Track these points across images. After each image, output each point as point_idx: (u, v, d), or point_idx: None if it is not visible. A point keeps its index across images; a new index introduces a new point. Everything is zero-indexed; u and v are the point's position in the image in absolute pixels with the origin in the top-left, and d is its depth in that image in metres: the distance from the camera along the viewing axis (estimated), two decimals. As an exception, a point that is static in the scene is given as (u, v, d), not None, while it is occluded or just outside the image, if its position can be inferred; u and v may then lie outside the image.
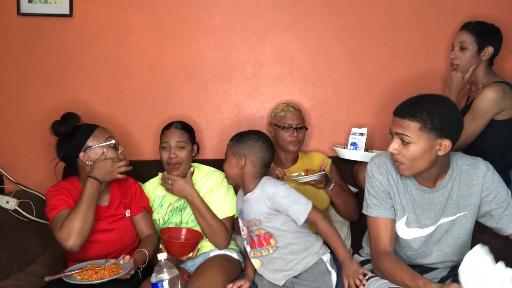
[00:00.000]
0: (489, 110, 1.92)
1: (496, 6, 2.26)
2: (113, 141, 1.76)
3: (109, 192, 1.82)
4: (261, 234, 1.63)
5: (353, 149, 2.07)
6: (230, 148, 1.68)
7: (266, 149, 1.65)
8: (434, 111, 1.37)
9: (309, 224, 1.65)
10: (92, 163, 1.72)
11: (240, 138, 1.68)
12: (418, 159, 1.40)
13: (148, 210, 1.91)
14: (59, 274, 1.53)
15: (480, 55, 2.01)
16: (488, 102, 1.91)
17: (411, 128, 1.37)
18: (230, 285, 1.67)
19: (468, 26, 2.03)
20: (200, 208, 1.84)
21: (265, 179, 1.65)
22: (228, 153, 1.69)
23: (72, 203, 1.67)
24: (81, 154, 1.73)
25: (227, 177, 1.71)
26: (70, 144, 1.73)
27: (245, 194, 1.67)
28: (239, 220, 1.73)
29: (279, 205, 1.58)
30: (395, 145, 1.42)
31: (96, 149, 1.73)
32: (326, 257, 1.64)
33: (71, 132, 1.74)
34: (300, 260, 1.62)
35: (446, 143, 1.39)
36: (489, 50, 2.00)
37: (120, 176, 1.72)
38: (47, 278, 1.52)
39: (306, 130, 2.12)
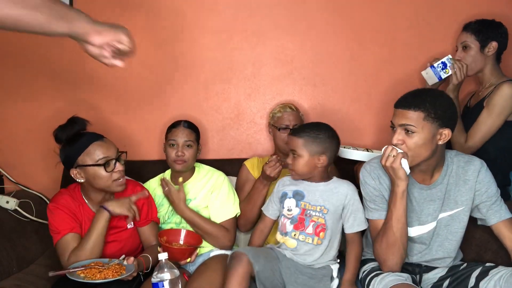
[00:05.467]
0: (506, 108, 1.91)
1: (497, 5, 2.25)
2: (104, 161, 1.62)
3: None
4: (318, 222, 1.62)
5: (442, 68, 2.00)
6: (305, 147, 1.61)
7: (339, 142, 1.68)
8: (436, 101, 1.44)
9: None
10: (84, 180, 1.66)
11: (316, 135, 1.62)
12: (421, 148, 1.44)
13: (156, 222, 1.87)
14: (63, 270, 1.53)
15: (485, 52, 2.00)
16: (506, 99, 1.90)
17: (416, 117, 1.43)
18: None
19: (468, 26, 2.04)
20: (193, 220, 1.84)
21: (335, 177, 1.70)
22: (301, 151, 1.61)
23: (74, 225, 1.66)
24: (73, 171, 1.66)
25: (297, 174, 1.65)
26: (66, 155, 1.66)
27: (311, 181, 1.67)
28: (288, 200, 1.67)
29: (352, 205, 1.62)
30: (399, 136, 1.46)
31: (87, 168, 1.63)
32: (334, 267, 1.66)
33: (71, 139, 1.66)
34: (319, 262, 1.64)
35: (446, 132, 1.45)
36: (493, 45, 1.99)
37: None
38: (51, 273, 1.52)
39: None
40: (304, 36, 2.31)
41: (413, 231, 1.59)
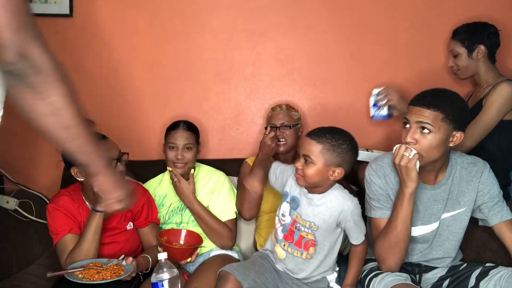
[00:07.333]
0: (504, 106, 1.92)
1: (496, 6, 2.25)
2: None
3: None
4: (307, 238, 1.51)
5: (375, 108, 2.01)
6: (322, 155, 1.42)
7: (357, 156, 1.51)
8: (455, 103, 1.43)
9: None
10: (83, 179, 1.65)
11: (338, 144, 1.44)
12: (434, 149, 1.43)
13: (156, 223, 1.86)
14: (61, 271, 1.53)
15: (473, 57, 2.01)
16: (505, 98, 1.91)
17: (434, 117, 1.40)
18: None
19: (454, 33, 2.06)
20: (199, 213, 1.84)
21: (336, 185, 1.52)
22: (316, 158, 1.43)
23: (73, 226, 1.66)
24: (73, 170, 1.65)
25: (306, 182, 1.47)
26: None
27: (308, 191, 1.52)
28: (285, 203, 1.56)
29: (348, 220, 1.48)
30: (414, 135, 1.43)
31: None
32: (331, 277, 1.61)
33: None
34: (314, 275, 1.59)
35: (459, 135, 1.44)
36: (481, 48, 1.99)
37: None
38: (49, 274, 1.52)
39: (294, 128, 2.01)
40: (304, 36, 2.31)
41: (416, 231, 1.59)
